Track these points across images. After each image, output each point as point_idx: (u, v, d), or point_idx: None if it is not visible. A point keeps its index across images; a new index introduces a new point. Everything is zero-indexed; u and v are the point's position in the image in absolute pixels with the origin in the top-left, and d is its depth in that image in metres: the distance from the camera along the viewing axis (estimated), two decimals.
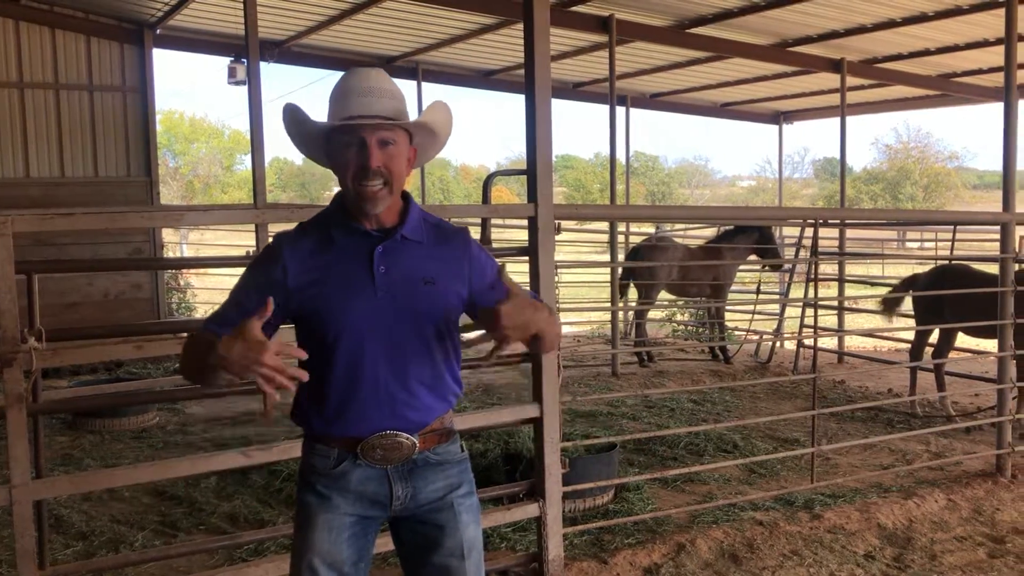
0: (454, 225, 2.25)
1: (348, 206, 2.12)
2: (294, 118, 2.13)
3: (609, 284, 9.93)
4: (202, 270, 14.38)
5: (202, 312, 12.45)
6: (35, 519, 3.14)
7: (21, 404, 2.94)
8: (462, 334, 2.21)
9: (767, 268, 10.84)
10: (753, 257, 10.33)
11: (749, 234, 10.10)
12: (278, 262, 2.09)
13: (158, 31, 10.83)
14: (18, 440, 2.93)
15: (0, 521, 4.68)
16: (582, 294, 14.76)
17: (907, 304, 8.19)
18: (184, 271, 13.18)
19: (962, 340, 7.87)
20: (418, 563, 2.22)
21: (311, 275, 2.08)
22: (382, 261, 2.09)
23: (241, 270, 2.27)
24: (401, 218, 2.14)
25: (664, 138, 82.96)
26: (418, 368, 2.12)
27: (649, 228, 15.38)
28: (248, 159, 48.96)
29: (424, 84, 12.49)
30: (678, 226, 14.41)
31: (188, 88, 78.84)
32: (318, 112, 2.15)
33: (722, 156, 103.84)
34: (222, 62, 11.58)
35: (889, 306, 8.01)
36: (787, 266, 11.20)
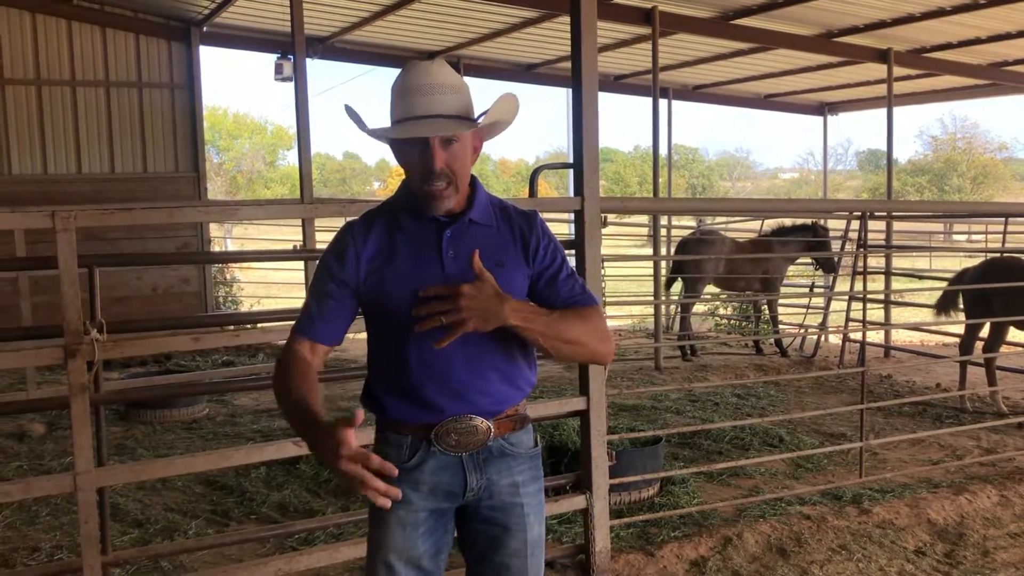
0: (521, 208, 2.22)
1: (416, 195, 2.11)
2: (355, 119, 2.13)
3: (651, 278, 9.90)
4: (246, 264, 14.59)
5: (248, 305, 12.64)
6: (97, 506, 3.23)
7: (84, 394, 3.02)
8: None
9: (818, 268, 10.69)
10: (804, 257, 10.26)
11: (802, 231, 10.01)
12: (349, 248, 2.10)
13: (205, 28, 11.01)
14: (82, 429, 3.01)
15: (58, 509, 4.84)
16: (623, 288, 14.72)
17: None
18: (229, 265, 13.39)
19: (1015, 335, 7.71)
20: (479, 559, 2.20)
21: (380, 260, 2.09)
22: (451, 246, 2.07)
23: (290, 264, 2.31)
24: (468, 203, 2.13)
25: (705, 130, 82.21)
26: (491, 354, 2.08)
27: (690, 221, 15.30)
28: (290, 154, 49.55)
29: (466, 78, 12.47)
30: (719, 219, 14.31)
31: (231, 84, 79.84)
32: (371, 106, 2.16)
33: (764, 148, 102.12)
34: (263, 58, 11.76)
35: (943, 307, 7.81)
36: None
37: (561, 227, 11.37)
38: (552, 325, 2.02)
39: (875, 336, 10.27)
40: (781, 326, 10.88)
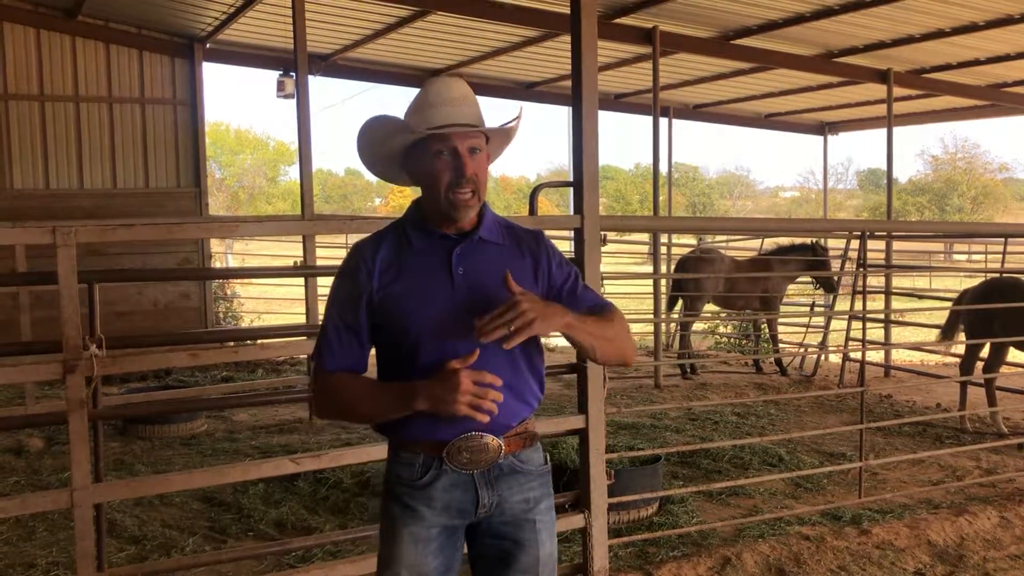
0: (527, 227, 2.27)
1: (427, 213, 2.15)
2: (379, 131, 2.14)
3: (651, 296, 9.91)
4: (247, 280, 14.60)
5: (248, 321, 12.63)
6: (94, 522, 3.22)
7: (83, 410, 3.02)
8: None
9: (818, 286, 10.72)
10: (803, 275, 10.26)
11: (802, 250, 10.03)
12: (362, 268, 2.14)
13: (208, 45, 11.07)
14: (80, 444, 3.01)
15: (55, 524, 4.82)
16: (623, 305, 14.70)
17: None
18: (230, 280, 13.40)
19: (1015, 355, 7.70)
20: (489, 575, 2.22)
21: (391, 277, 2.12)
22: (460, 263, 2.11)
23: (291, 280, 2.31)
24: (478, 221, 2.16)
25: (706, 148, 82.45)
26: (499, 369, 2.07)
27: (690, 239, 15.31)
28: (292, 170, 49.71)
29: None
30: (720, 237, 14.33)
31: (234, 100, 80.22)
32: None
33: (764, 166, 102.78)
34: (265, 75, 11.81)
35: (948, 334, 7.80)
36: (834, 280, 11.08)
37: (562, 244, 11.36)
38: (598, 324, 2.12)
39: (875, 355, 10.27)
40: (781, 345, 10.88)
